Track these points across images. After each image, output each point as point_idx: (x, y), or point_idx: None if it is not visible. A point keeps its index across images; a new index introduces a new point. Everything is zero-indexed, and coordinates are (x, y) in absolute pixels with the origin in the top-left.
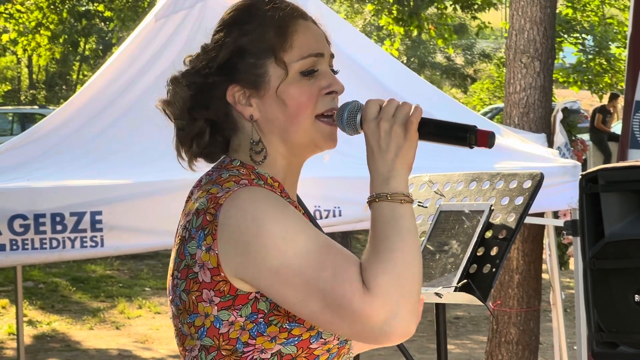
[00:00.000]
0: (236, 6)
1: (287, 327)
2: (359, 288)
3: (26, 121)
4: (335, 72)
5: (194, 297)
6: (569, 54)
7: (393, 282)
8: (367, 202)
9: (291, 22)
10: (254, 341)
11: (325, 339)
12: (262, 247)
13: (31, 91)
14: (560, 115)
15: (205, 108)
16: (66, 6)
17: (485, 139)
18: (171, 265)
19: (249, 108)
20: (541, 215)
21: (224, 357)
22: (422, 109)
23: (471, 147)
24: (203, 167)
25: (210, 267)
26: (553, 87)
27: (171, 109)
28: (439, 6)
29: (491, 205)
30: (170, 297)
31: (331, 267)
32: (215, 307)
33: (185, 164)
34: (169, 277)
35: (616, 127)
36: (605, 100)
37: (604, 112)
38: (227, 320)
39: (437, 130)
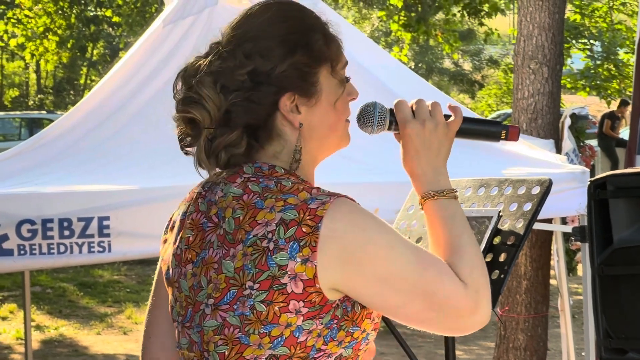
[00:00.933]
0: (278, 10)
1: (351, 330)
2: (460, 285)
3: (34, 126)
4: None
5: (277, 308)
6: (577, 59)
7: (482, 274)
8: (423, 199)
9: (330, 30)
10: (326, 347)
11: (369, 340)
12: (371, 257)
13: (39, 96)
14: (568, 121)
15: (251, 116)
16: (74, 11)
17: (516, 134)
18: (231, 272)
19: (299, 116)
20: (549, 221)
21: None
22: (462, 112)
23: (497, 141)
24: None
25: (304, 279)
26: (561, 92)
27: (203, 115)
28: (447, 13)
29: (499, 211)
30: (227, 306)
31: (433, 269)
32: (302, 317)
33: (204, 173)
34: (223, 286)
35: (624, 133)
36: (613, 106)
37: (612, 118)
38: (308, 329)
39: (471, 128)
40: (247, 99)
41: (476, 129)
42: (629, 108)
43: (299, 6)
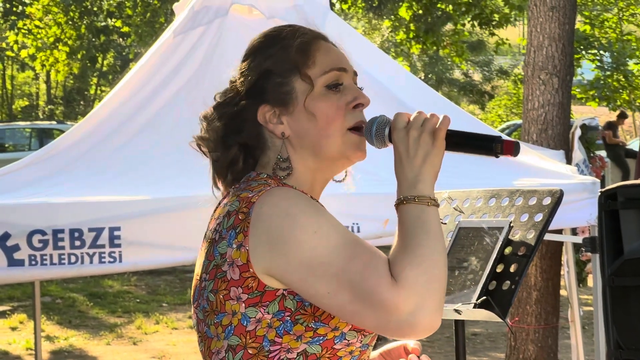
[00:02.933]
0: (260, 35)
1: (313, 326)
2: (388, 280)
3: (44, 137)
4: (360, 89)
5: (221, 296)
6: (587, 70)
7: (420, 275)
8: (395, 205)
9: (312, 42)
10: (280, 339)
11: (348, 341)
12: (295, 241)
13: (49, 106)
14: (578, 132)
15: (238, 133)
16: (84, 22)
17: (511, 148)
18: (198, 270)
19: (280, 126)
20: (559, 232)
21: (251, 356)
22: (450, 119)
23: (497, 157)
24: None
25: (239, 264)
26: (571, 103)
27: (206, 143)
28: (456, 24)
29: (510, 222)
30: (196, 303)
31: (361, 260)
32: (243, 305)
33: (218, 194)
34: (195, 282)
35: (634, 144)
36: (612, 117)
37: (612, 128)
38: (254, 317)
39: (464, 140)
40: (232, 118)
41: (468, 143)
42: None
43: (284, 25)
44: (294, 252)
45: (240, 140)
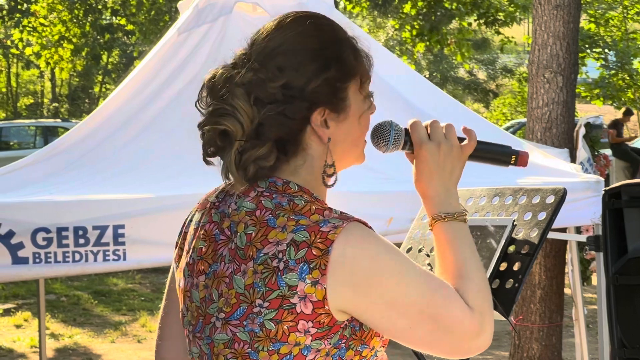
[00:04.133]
0: (311, 26)
1: (360, 349)
2: (467, 309)
3: (49, 134)
4: None
5: (285, 327)
6: (591, 68)
7: (487, 299)
8: (434, 220)
9: (362, 47)
10: None
11: (378, 357)
12: (380, 283)
13: (54, 104)
14: (582, 131)
15: (283, 130)
16: (89, 20)
17: (525, 160)
18: (242, 291)
19: (327, 130)
20: (564, 230)
21: None
22: (475, 134)
23: (507, 166)
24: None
25: (313, 300)
26: (575, 102)
27: (235, 127)
28: (462, 22)
29: (514, 221)
30: (237, 321)
31: (440, 294)
32: (310, 337)
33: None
34: (234, 301)
35: (637, 142)
36: (617, 115)
37: (617, 127)
38: (316, 348)
39: (482, 153)
40: (280, 112)
41: (488, 154)
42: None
43: (329, 20)
44: (380, 293)
45: (280, 136)
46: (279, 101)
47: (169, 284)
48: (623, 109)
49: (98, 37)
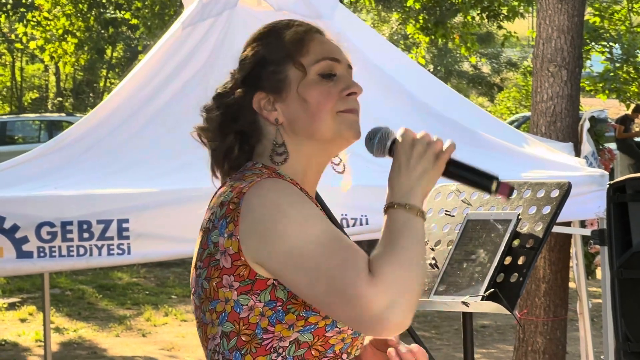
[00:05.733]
0: (258, 30)
1: (304, 315)
2: (365, 275)
3: (53, 129)
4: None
5: (214, 284)
6: (596, 62)
7: (397, 274)
8: (384, 208)
9: (307, 32)
10: (273, 328)
11: (340, 328)
12: (279, 231)
13: (58, 99)
14: (587, 124)
15: (234, 120)
16: (93, 13)
17: (506, 191)
18: (194, 259)
19: (274, 112)
20: (568, 224)
21: (245, 343)
22: (455, 146)
23: (489, 193)
24: None
25: (231, 253)
26: (580, 95)
27: (205, 133)
28: (466, 16)
29: (519, 214)
30: (193, 289)
31: (340, 255)
32: (235, 292)
33: (218, 183)
34: (192, 271)
35: None
36: (622, 109)
37: (625, 122)
38: (247, 304)
39: (463, 172)
40: (228, 106)
41: (468, 173)
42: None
43: (283, 21)
44: (278, 242)
45: (236, 128)
46: (227, 99)
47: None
48: (633, 106)
49: (102, 31)
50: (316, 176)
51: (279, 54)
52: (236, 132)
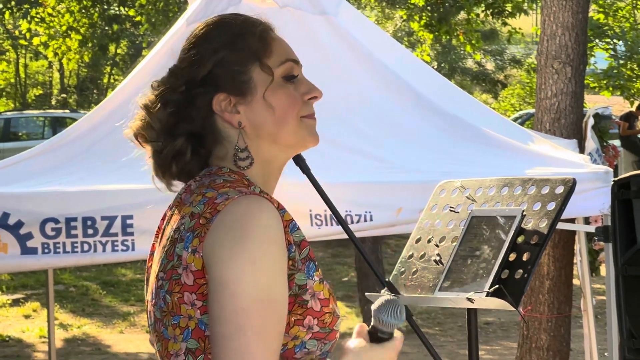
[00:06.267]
0: (207, 23)
1: None
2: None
3: (57, 125)
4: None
5: (175, 299)
6: (600, 59)
7: None
8: None
9: (267, 32)
10: None
11: (308, 349)
12: (228, 261)
13: (62, 95)
14: (591, 121)
15: (189, 122)
16: (97, 10)
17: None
18: (155, 267)
19: (237, 115)
20: (572, 221)
21: None
22: None
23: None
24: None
25: (193, 270)
26: (584, 92)
27: (147, 132)
28: (470, 13)
29: (523, 211)
30: (153, 300)
31: (258, 327)
32: (198, 311)
33: (162, 186)
34: (153, 279)
35: None
36: (626, 106)
37: (629, 119)
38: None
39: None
40: (181, 105)
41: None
42: None
43: (235, 15)
44: (221, 268)
45: (190, 129)
46: (183, 97)
47: None
48: (637, 103)
49: (106, 27)
50: (276, 179)
51: (243, 54)
52: (188, 134)
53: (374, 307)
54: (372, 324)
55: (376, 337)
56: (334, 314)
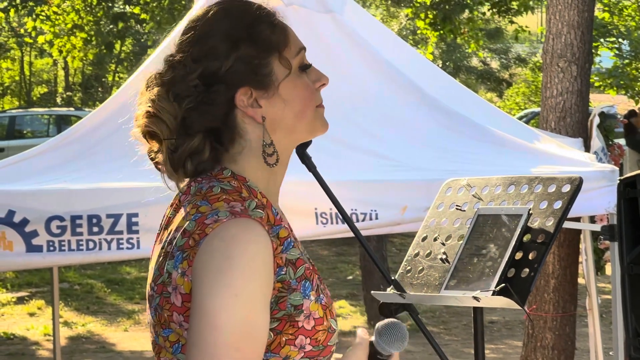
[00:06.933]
0: (216, 11)
1: (265, 357)
2: None
3: (62, 123)
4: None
5: (166, 315)
6: (605, 58)
7: None
8: None
9: (278, 18)
10: None
11: None
12: (210, 290)
13: (67, 93)
14: (597, 120)
15: (208, 118)
16: (102, 7)
17: None
18: (150, 273)
19: (259, 110)
20: (577, 219)
21: None
22: None
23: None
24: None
25: (182, 292)
26: (590, 91)
27: (159, 128)
28: (474, 12)
29: (529, 209)
30: (149, 303)
31: (232, 352)
32: (186, 332)
33: (172, 185)
34: (147, 286)
35: None
36: (631, 105)
37: (633, 117)
38: None
39: None
40: (201, 102)
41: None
42: None
43: (242, 2)
44: (204, 294)
45: (209, 126)
46: (199, 91)
47: None
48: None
49: (111, 25)
50: (284, 172)
51: (263, 46)
52: (206, 131)
53: (377, 328)
54: (373, 340)
55: (374, 357)
56: (329, 330)
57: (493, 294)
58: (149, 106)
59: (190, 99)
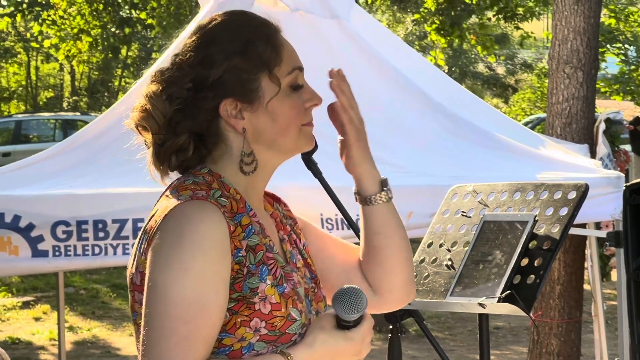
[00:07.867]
0: (217, 19)
1: (218, 336)
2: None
3: (68, 128)
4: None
5: (130, 297)
6: (611, 64)
7: None
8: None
9: (277, 36)
10: None
11: (257, 351)
12: (162, 266)
13: (73, 98)
14: (603, 126)
15: (193, 122)
16: (108, 12)
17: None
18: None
19: (241, 121)
20: (583, 226)
21: None
22: None
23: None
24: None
25: (141, 271)
26: (595, 97)
27: (150, 123)
28: (482, 17)
29: (535, 216)
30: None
31: (177, 341)
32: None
33: (157, 178)
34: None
35: None
36: (637, 111)
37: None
38: None
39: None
40: (189, 105)
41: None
42: None
43: (246, 15)
44: (156, 271)
45: (193, 128)
46: (189, 95)
47: None
48: None
49: (117, 30)
50: (265, 182)
51: (254, 62)
52: (191, 132)
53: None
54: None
55: (340, 324)
56: (288, 318)
57: (499, 301)
58: (144, 101)
59: (180, 101)
